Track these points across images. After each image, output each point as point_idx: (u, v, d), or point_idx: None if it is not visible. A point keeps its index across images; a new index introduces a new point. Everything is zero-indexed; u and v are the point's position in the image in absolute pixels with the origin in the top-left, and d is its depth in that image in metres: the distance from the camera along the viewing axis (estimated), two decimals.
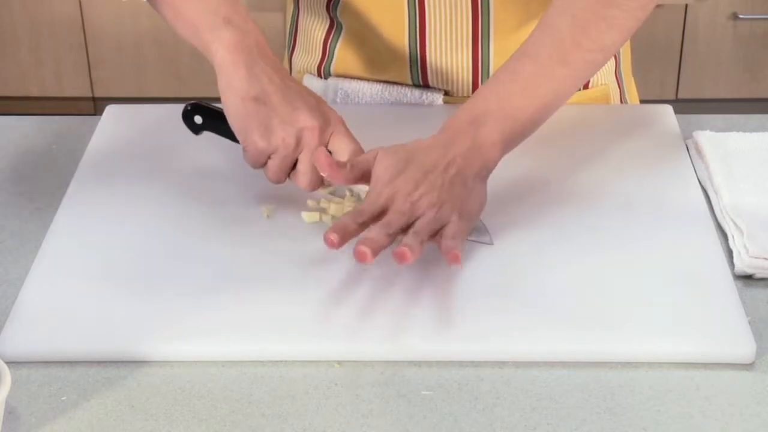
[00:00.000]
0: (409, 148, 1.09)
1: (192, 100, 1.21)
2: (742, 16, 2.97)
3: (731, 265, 1.09)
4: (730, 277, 1.06)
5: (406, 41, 1.32)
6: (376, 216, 1.04)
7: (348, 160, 1.10)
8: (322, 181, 1.12)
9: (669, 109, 1.34)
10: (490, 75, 1.32)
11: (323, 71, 1.39)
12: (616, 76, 1.40)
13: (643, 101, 1.45)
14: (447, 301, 1.03)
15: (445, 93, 1.35)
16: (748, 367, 0.97)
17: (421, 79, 1.34)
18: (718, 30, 3.00)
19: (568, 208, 1.15)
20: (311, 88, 1.40)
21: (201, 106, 1.19)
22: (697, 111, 1.39)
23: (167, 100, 1.36)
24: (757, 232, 1.10)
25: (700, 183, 1.21)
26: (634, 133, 1.29)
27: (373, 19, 1.32)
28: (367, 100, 1.36)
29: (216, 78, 1.12)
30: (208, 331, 1.00)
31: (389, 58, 1.34)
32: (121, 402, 0.94)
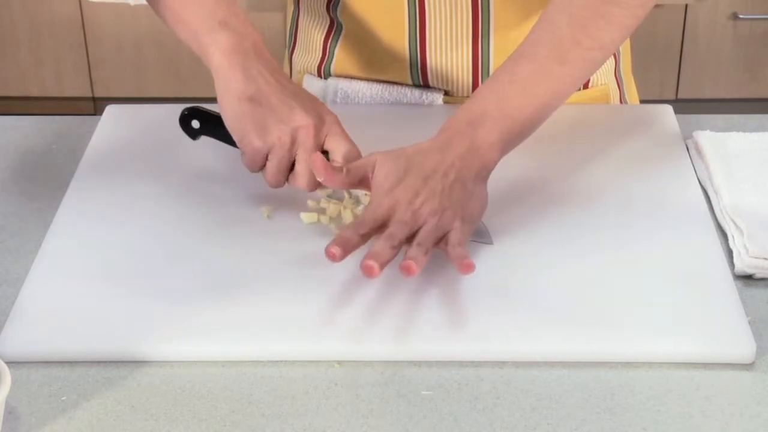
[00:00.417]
0: (408, 154, 1.09)
1: (192, 100, 1.21)
2: (742, 16, 2.97)
3: (731, 265, 1.09)
4: (730, 277, 1.06)
5: (406, 41, 1.32)
6: (377, 227, 1.04)
7: (344, 164, 1.10)
8: (321, 183, 1.12)
9: (669, 109, 1.34)
10: (490, 73, 1.32)
11: (323, 71, 1.39)
12: (616, 75, 1.40)
13: (643, 101, 1.45)
14: (447, 302, 1.03)
15: (445, 93, 1.35)
16: (748, 367, 0.97)
17: (421, 79, 1.34)
18: (718, 30, 3.00)
19: (568, 208, 1.15)
20: (311, 88, 1.40)
21: (198, 110, 1.19)
22: (697, 111, 1.39)
23: (167, 100, 1.36)
24: (757, 232, 1.10)
25: (700, 183, 1.21)
26: (634, 133, 1.29)
27: (373, 18, 1.32)
28: (367, 100, 1.36)
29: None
30: (208, 331, 1.00)
31: (389, 58, 1.34)
32: (121, 402, 0.94)
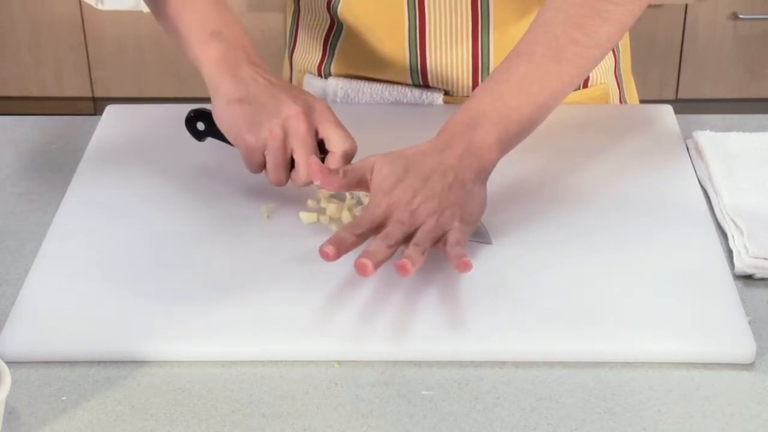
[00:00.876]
0: (407, 155, 1.09)
1: (192, 100, 1.21)
2: (742, 16, 2.97)
3: (731, 265, 1.09)
4: (730, 277, 1.06)
5: (406, 40, 1.32)
6: (374, 227, 1.04)
7: (342, 161, 1.10)
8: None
9: (669, 109, 1.34)
10: (490, 71, 1.32)
11: (323, 71, 1.39)
12: (616, 75, 1.40)
13: (643, 101, 1.45)
14: (447, 302, 1.03)
15: (445, 93, 1.35)
16: (748, 367, 0.97)
17: (421, 79, 1.34)
18: (718, 30, 3.00)
19: (568, 208, 1.15)
20: (311, 87, 1.40)
21: (203, 112, 1.20)
22: (697, 111, 1.39)
23: (167, 100, 1.36)
24: (757, 232, 1.10)
25: (700, 183, 1.21)
26: (634, 133, 1.29)
27: (373, 18, 1.32)
28: (367, 100, 1.36)
29: None
30: (208, 331, 1.00)
31: (389, 57, 1.34)
32: (121, 402, 0.94)
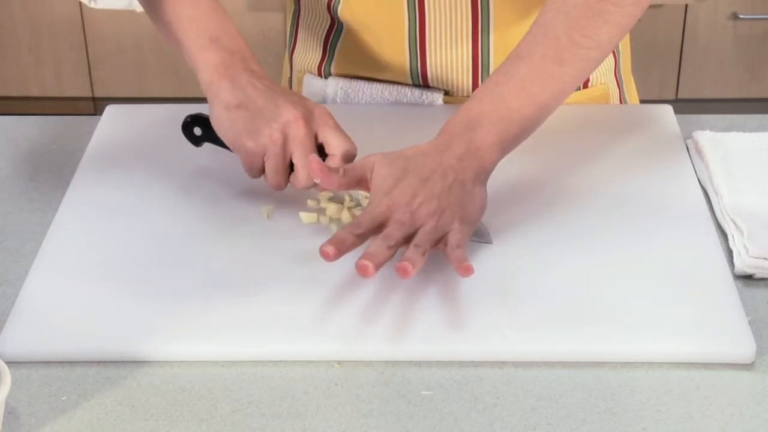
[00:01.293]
0: (407, 155, 1.09)
1: (192, 100, 1.21)
2: (742, 16, 2.97)
3: (731, 265, 1.09)
4: (730, 277, 1.06)
5: (406, 40, 1.32)
6: (374, 228, 1.04)
7: (341, 161, 1.10)
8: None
9: (669, 109, 1.34)
10: (490, 72, 1.32)
11: (323, 71, 1.39)
12: (616, 75, 1.40)
13: (643, 101, 1.45)
14: (447, 302, 1.03)
15: (445, 93, 1.35)
16: (748, 367, 0.97)
17: (420, 79, 1.34)
18: (718, 30, 3.00)
19: (568, 208, 1.15)
20: (311, 87, 1.40)
21: (200, 117, 1.20)
22: (697, 111, 1.39)
23: (167, 100, 1.36)
24: (757, 232, 1.10)
25: (700, 183, 1.21)
26: (634, 133, 1.29)
27: (373, 18, 1.32)
28: (367, 100, 1.36)
29: None
30: (208, 331, 1.00)
31: (389, 58, 1.34)
32: (121, 402, 0.94)
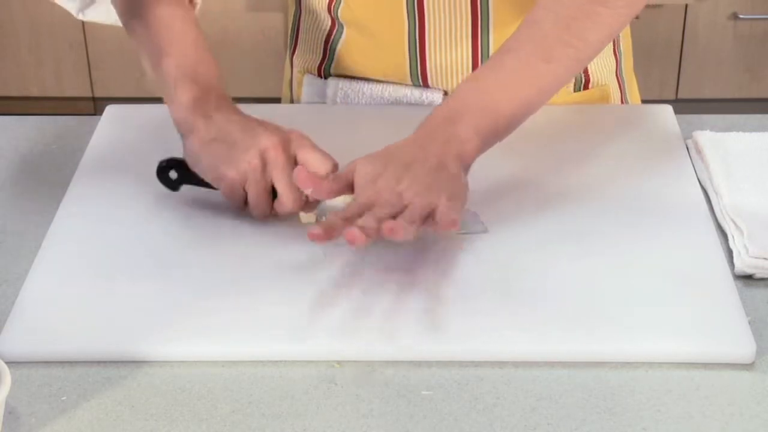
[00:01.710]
0: (387, 150, 1.08)
1: None
2: (742, 16, 2.97)
3: (731, 265, 1.09)
4: (730, 277, 1.06)
5: (406, 41, 1.32)
6: (361, 213, 1.04)
7: (328, 172, 1.10)
8: (307, 200, 1.11)
9: (669, 109, 1.34)
10: None
11: (323, 71, 1.39)
12: (617, 76, 1.40)
13: (643, 101, 1.45)
14: (447, 302, 1.03)
15: (445, 93, 1.35)
16: (748, 367, 0.97)
17: (420, 79, 1.34)
18: (718, 30, 3.00)
19: (568, 208, 1.15)
20: (311, 88, 1.40)
21: (175, 160, 1.16)
22: (697, 111, 1.39)
23: None
24: (757, 232, 1.10)
25: (700, 183, 1.21)
26: (634, 133, 1.29)
27: (373, 19, 1.32)
28: (367, 100, 1.36)
29: None
30: (208, 331, 1.00)
31: (389, 58, 1.34)
32: (121, 402, 0.94)
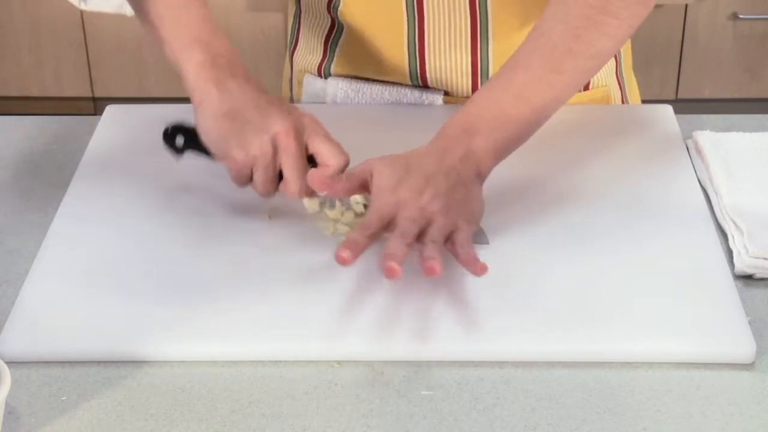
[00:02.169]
0: (406, 157, 1.09)
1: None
2: (742, 16, 2.97)
3: (731, 265, 1.09)
4: (730, 277, 1.06)
5: (405, 42, 1.32)
6: (384, 226, 1.04)
7: (335, 168, 1.10)
8: (312, 189, 1.11)
9: (669, 109, 1.34)
10: (489, 76, 1.32)
11: (323, 71, 1.39)
12: (617, 76, 1.40)
13: (643, 101, 1.45)
14: (447, 302, 1.03)
15: (446, 93, 1.35)
16: (748, 367, 0.97)
17: (420, 80, 1.34)
18: (718, 30, 3.00)
19: (568, 209, 1.15)
20: (311, 87, 1.40)
21: (182, 126, 1.17)
22: (697, 111, 1.39)
23: (167, 100, 1.35)
24: (757, 232, 1.10)
25: (700, 183, 1.21)
26: (634, 133, 1.29)
27: (372, 20, 1.32)
28: (367, 100, 1.36)
29: None
30: (208, 331, 1.00)
31: (389, 58, 1.34)
32: (121, 402, 0.94)
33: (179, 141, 1.16)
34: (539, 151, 1.21)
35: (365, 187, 1.09)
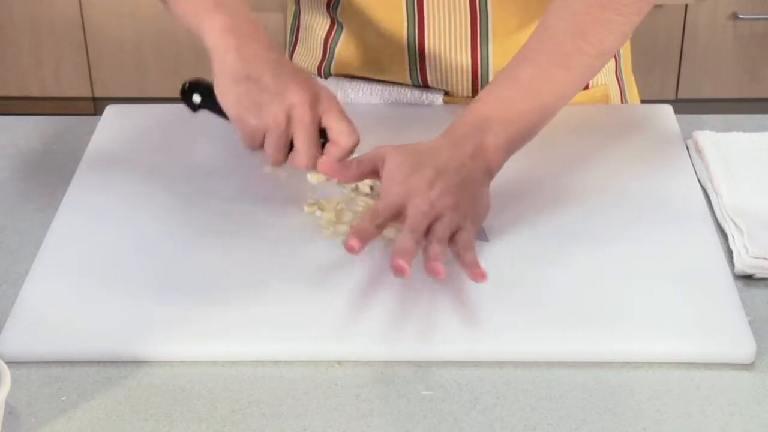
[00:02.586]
0: (418, 148, 1.09)
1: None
2: (742, 16, 2.97)
3: (731, 265, 1.09)
4: (730, 277, 1.06)
5: (405, 42, 1.32)
6: (392, 216, 1.04)
7: (345, 152, 1.10)
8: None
9: (669, 109, 1.34)
10: (489, 76, 1.32)
11: (323, 71, 1.39)
12: (617, 75, 1.40)
13: (643, 101, 1.45)
14: (447, 302, 1.03)
15: (445, 93, 1.35)
16: (748, 367, 0.97)
17: (420, 80, 1.34)
18: (718, 30, 3.00)
19: (568, 208, 1.15)
20: None
21: (200, 83, 1.17)
22: (697, 111, 1.39)
23: (167, 100, 1.35)
24: (757, 232, 1.10)
25: (700, 183, 1.21)
26: (634, 133, 1.29)
27: (372, 19, 1.32)
28: (367, 100, 1.36)
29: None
30: (208, 331, 1.00)
31: (389, 58, 1.34)
32: (121, 402, 0.94)
33: (196, 98, 1.17)
34: (539, 151, 1.21)
35: (375, 174, 1.09)
